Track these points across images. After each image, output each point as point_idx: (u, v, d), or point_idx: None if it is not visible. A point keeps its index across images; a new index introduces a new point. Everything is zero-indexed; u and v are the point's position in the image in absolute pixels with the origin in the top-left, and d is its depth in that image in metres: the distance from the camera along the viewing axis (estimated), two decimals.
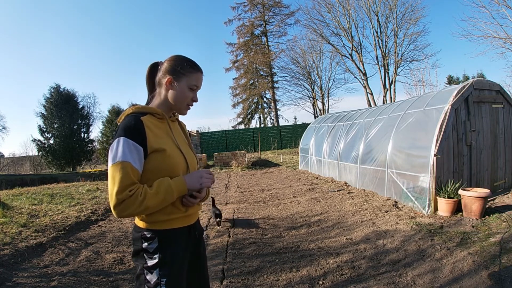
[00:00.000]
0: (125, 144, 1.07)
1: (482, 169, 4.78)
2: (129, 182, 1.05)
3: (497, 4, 12.26)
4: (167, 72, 1.23)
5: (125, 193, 1.04)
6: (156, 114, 1.21)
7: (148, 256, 1.16)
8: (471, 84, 4.62)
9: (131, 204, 1.05)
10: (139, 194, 1.06)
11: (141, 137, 1.10)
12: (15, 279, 2.88)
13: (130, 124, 1.11)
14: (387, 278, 2.57)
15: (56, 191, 7.09)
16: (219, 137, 20.89)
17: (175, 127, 1.32)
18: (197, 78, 1.26)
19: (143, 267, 1.16)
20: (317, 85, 24.55)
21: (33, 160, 26.38)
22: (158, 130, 1.19)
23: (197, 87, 1.27)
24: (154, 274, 1.13)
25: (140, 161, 1.10)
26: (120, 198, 1.04)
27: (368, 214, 4.46)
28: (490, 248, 2.93)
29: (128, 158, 1.06)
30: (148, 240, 1.17)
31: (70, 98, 21.86)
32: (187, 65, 1.24)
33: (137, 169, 1.08)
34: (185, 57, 1.27)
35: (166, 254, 1.15)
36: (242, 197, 6.41)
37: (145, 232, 1.17)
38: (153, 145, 1.12)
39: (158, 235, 1.17)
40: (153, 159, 1.13)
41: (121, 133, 1.09)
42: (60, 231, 4.31)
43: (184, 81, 1.23)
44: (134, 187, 1.07)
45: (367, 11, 19.42)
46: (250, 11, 26.41)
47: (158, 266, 1.14)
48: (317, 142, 9.25)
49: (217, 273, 2.86)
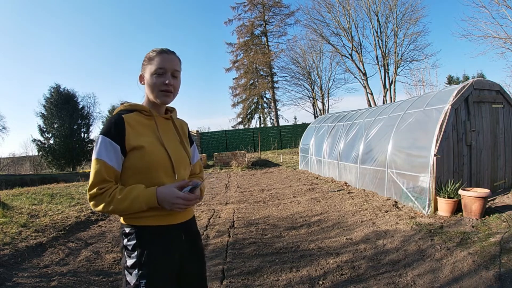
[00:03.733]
0: (102, 142, 1.09)
1: (482, 169, 4.78)
2: (100, 179, 1.07)
3: (497, 4, 12.27)
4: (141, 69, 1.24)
5: (95, 190, 1.07)
6: (143, 111, 1.20)
7: (127, 254, 1.13)
8: (471, 84, 4.62)
9: (100, 201, 1.06)
10: (107, 195, 1.07)
11: (119, 135, 1.10)
12: (15, 279, 2.88)
13: (110, 122, 1.12)
14: (387, 278, 2.57)
15: (56, 191, 7.10)
16: (219, 137, 20.89)
17: (165, 124, 1.26)
18: (160, 60, 1.17)
19: (124, 268, 1.13)
20: (317, 85, 24.56)
21: (33, 160, 26.38)
22: (142, 127, 1.17)
23: (164, 68, 1.17)
24: (133, 275, 1.10)
25: (117, 159, 1.10)
26: (91, 194, 1.08)
27: (368, 214, 4.46)
28: (490, 248, 2.93)
29: (103, 156, 1.08)
30: (127, 236, 1.14)
31: (70, 98, 21.85)
32: (148, 54, 1.22)
33: (112, 167, 1.09)
34: (152, 48, 1.23)
35: (144, 252, 1.11)
36: (242, 197, 6.41)
37: (125, 227, 1.15)
38: (131, 143, 1.11)
39: (137, 231, 1.13)
40: (131, 157, 1.12)
41: (101, 131, 1.12)
42: (60, 231, 4.31)
43: (148, 70, 1.19)
44: (106, 186, 1.08)
45: (367, 11, 19.42)
46: (250, 11, 26.41)
47: (136, 266, 1.10)
48: (317, 142, 9.25)
49: (217, 273, 2.86)
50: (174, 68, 1.20)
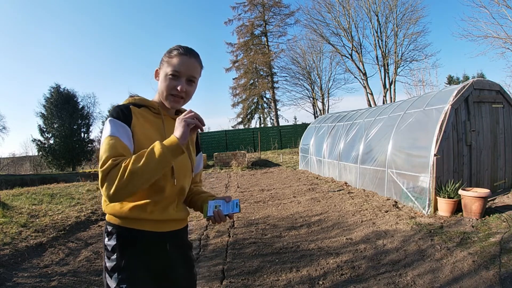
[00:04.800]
0: (112, 122, 1.00)
1: (482, 169, 4.78)
2: (115, 153, 0.93)
3: (497, 4, 12.28)
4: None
5: (110, 162, 0.91)
6: (151, 107, 1.13)
7: (107, 255, 1.04)
8: (471, 84, 4.62)
9: (115, 174, 0.89)
10: (123, 161, 0.91)
11: (127, 120, 1.03)
12: (15, 279, 2.88)
13: (118, 108, 1.06)
14: (387, 278, 2.57)
15: (56, 191, 7.09)
16: (219, 137, 20.90)
17: (172, 126, 1.14)
18: (178, 61, 1.07)
19: (104, 269, 1.05)
20: (317, 85, 24.58)
21: (33, 160, 26.36)
22: (147, 123, 1.10)
23: (179, 72, 1.07)
24: (113, 279, 1.02)
25: (129, 140, 1.00)
26: (103, 170, 0.90)
27: (368, 214, 4.46)
28: (490, 248, 2.93)
29: (115, 133, 0.98)
30: (108, 235, 1.05)
31: (70, 98, 21.83)
32: (170, 50, 1.12)
33: (126, 144, 0.98)
34: (177, 45, 1.14)
35: (124, 256, 1.02)
36: (242, 197, 6.41)
37: (107, 225, 1.06)
38: (135, 129, 1.03)
39: (118, 232, 1.03)
40: (135, 148, 1.02)
41: (109, 115, 1.04)
42: (60, 231, 4.31)
43: (164, 68, 1.10)
44: (120, 158, 0.93)
45: (367, 11, 19.44)
46: (250, 11, 26.42)
47: (116, 269, 1.02)
48: (317, 142, 9.25)
49: (217, 273, 2.85)
50: (191, 74, 1.10)
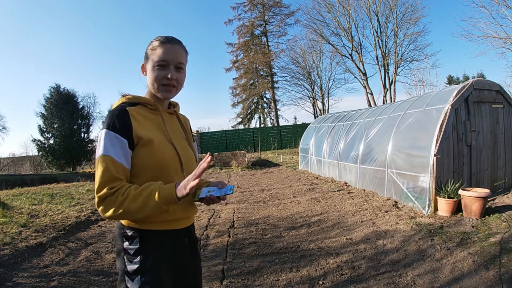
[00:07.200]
0: (107, 136, 0.98)
1: (482, 169, 4.78)
2: (109, 177, 0.95)
3: (497, 4, 12.28)
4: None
5: (105, 190, 0.94)
6: (148, 104, 1.11)
7: (128, 259, 1.04)
8: (471, 84, 4.62)
9: (111, 204, 0.94)
10: (121, 193, 0.94)
11: (125, 128, 1.00)
12: (15, 279, 2.88)
13: (113, 115, 1.02)
14: (387, 278, 2.57)
15: (56, 191, 7.09)
16: (219, 137, 20.89)
17: (170, 120, 1.19)
18: (163, 51, 1.07)
19: (123, 273, 1.04)
20: (317, 85, 24.57)
21: (33, 160, 26.35)
22: (148, 121, 1.08)
23: (166, 60, 1.07)
24: (135, 282, 1.02)
25: (125, 155, 0.99)
26: (100, 196, 0.94)
27: (368, 214, 4.46)
28: (490, 248, 2.93)
29: (109, 152, 0.96)
30: (129, 239, 1.05)
31: (70, 98, 21.82)
32: (152, 42, 1.11)
33: (120, 163, 0.98)
34: (158, 36, 1.12)
35: (148, 258, 1.03)
36: (242, 197, 6.41)
37: (126, 229, 1.06)
38: (138, 133, 1.01)
39: (140, 235, 1.05)
40: (140, 152, 1.02)
41: (104, 125, 1.01)
42: (60, 231, 4.31)
43: (150, 60, 1.09)
44: (116, 185, 0.95)
45: (367, 11, 19.44)
46: (250, 11, 26.42)
47: (139, 272, 1.02)
48: (317, 142, 9.25)
49: (217, 273, 2.85)
50: (178, 60, 1.10)
